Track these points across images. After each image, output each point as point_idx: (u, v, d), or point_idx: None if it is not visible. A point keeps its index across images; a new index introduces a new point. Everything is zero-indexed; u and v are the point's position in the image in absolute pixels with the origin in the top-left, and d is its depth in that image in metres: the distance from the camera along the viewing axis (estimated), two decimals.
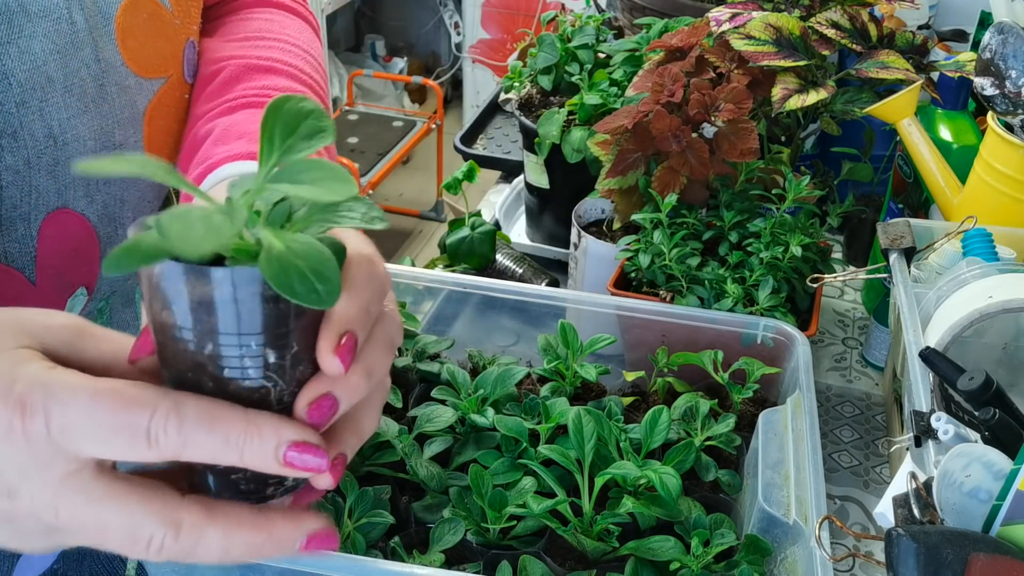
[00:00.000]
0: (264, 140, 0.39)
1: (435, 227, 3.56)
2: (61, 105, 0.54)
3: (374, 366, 0.42)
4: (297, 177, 0.38)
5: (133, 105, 0.59)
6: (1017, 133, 0.85)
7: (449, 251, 1.06)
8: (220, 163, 0.57)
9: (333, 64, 3.81)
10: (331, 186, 0.38)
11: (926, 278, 0.82)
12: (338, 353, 0.40)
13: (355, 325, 0.41)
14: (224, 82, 0.64)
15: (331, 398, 0.40)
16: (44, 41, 0.52)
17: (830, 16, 1.00)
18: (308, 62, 0.70)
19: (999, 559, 0.50)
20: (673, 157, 0.89)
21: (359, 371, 0.41)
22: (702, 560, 0.60)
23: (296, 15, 0.75)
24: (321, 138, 0.40)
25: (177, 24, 0.62)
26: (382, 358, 0.43)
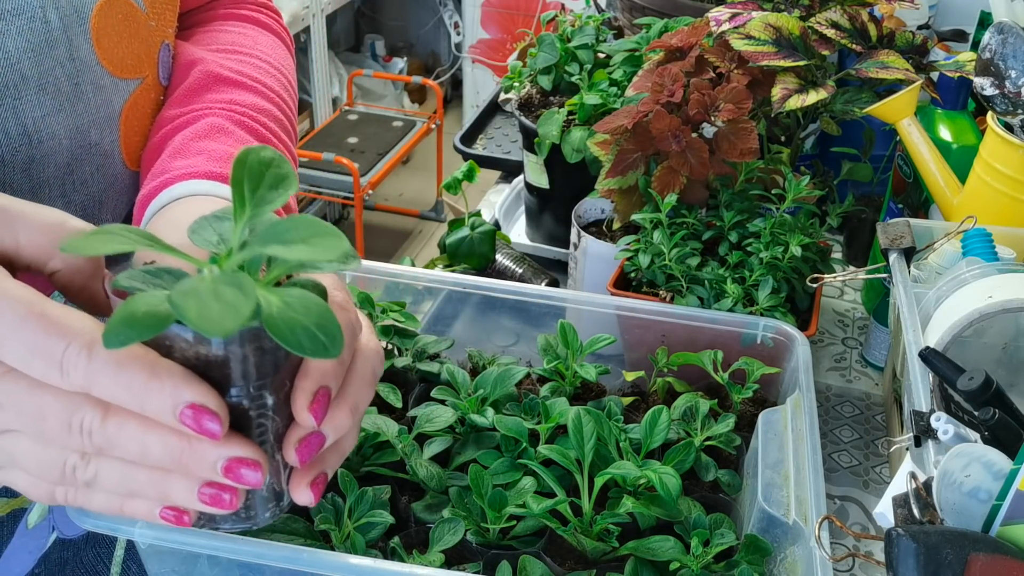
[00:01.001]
0: (236, 196, 0.40)
1: (435, 227, 3.56)
2: (35, 103, 0.54)
3: (358, 402, 0.45)
4: (285, 237, 0.39)
5: (109, 105, 0.59)
6: (1017, 133, 0.85)
7: (449, 251, 1.06)
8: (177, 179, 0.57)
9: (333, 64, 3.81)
10: (324, 243, 0.39)
11: (926, 278, 0.82)
12: (312, 410, 0.42)
13: (329, 378, 0.43)
14: (192, 89, 0.64)
15: (319, 435, 0.43)
16: (18, 39, 0.52)
17: (830, 16, 1.00)
18: (278, 80, 0.70)
19: (999, 559, 0.50)
20: (673, 157, 0.89)
21: (344, 409, 0.44)
22: (702, 560, 0.60)
23: (269, 31, 0.75)
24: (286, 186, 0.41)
25: (152, 26, 0.62)
26: (365, 393, 0.46)
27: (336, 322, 0.38)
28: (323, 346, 0.37)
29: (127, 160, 0.63)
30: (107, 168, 0.61)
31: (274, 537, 0.61)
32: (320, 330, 0.37)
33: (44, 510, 0.66)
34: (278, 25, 0.77)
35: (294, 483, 0.44)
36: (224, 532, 0.46)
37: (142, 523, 0.56)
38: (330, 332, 0.38)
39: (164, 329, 0.37)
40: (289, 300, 0.38)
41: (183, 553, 0.59)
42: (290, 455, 0.43)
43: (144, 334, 0.36)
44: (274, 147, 0.63)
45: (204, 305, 0.35)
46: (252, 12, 0.75)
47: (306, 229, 0.39)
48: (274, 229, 0.40)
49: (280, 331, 0.37)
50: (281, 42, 0.75)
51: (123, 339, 0.35)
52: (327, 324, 0.38)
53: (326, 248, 0.39)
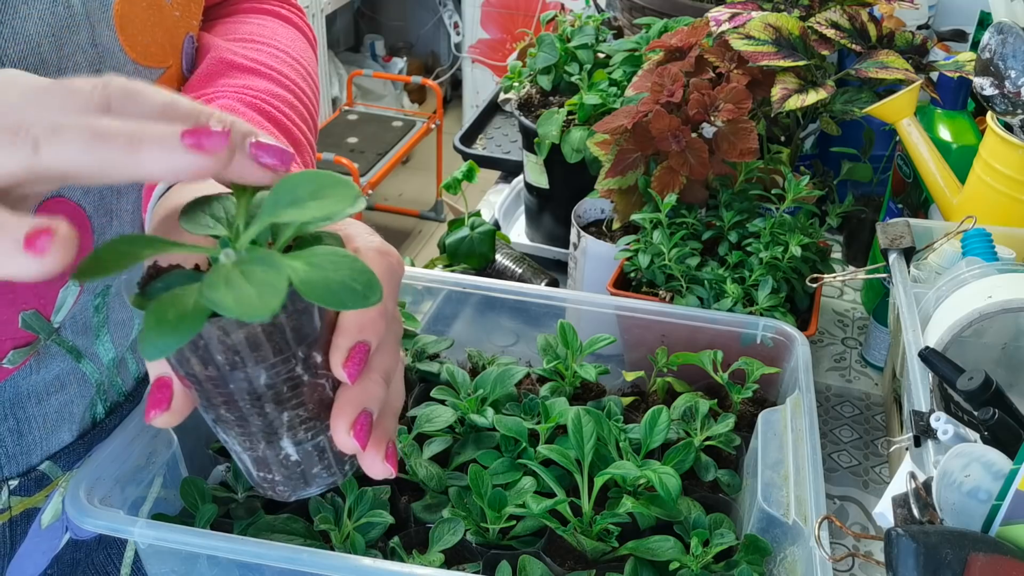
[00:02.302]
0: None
1: (435, 227, 3.56)
2: None
3: (388, 368, 0.45)
4: (294, 197, 0.39)
5: None
6: (1016, 133, 0.85)
7: (448, 251, 1.06)
8: None
9: (333, 64, 3.81)
10: (335, 193, 0.39)
11: (925, 278, 0.82)
12: (347, 366, 0.42)
13: (368, 332, 0.43)
14: (205, 75, 0.64)
15: (366, 415, 0.43)
16: (39, 23, 0.52)
17: (829, 16, 1.00)
18: (295, 70, 0.69)
19: (998, 559, 0.50)
20: (672, 157, 0.89)
21: (377, 378, 0.44)
22: (701, 560, 0.60)
23: (291, 24, 0.75)
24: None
25: (176, 16, 0.62)
26: (393, 357, 0.45)
27: (368, 269, 0.38)
28: (362, 295, 0.37)
29: None
30: None
31: (274, 537, 0.62)
32: (355, 281, 0.37)
33: (58, 510, 0.66)
34: (300, 20, 0.77)
35: (367, 463, 0.44)
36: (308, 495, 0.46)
37: (142, 523, 0.56)
38: (365, 280, 0.37)
39: (201, 327, 0.36)
40: (315, 260, 0.38)
41: (183, 553, 0.59)
42: (348, 443, 0.42)
43: (183, 337, 0.35)
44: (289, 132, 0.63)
45: (238, 291, 0.35)
46: (275, 7, 0.75)
47: (311, 183, 0.39)
48: (280, 192, 0.39)
49: (316, 293, 0.37)
50: (302, 36, 0.75)
51: (163, 348, 0.35)
52: (360, 273, 0.38)
53: (339, 197, 0.39)
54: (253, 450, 0.44)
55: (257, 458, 0.44)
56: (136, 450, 0.64)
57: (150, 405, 0.43)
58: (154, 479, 0.66)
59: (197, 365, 0.40)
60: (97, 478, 0.60)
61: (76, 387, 0.64)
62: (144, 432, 0.65)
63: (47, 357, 0.60)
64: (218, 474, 0.74)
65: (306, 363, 0.41)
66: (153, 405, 0.43)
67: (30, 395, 0.61)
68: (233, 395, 0.41)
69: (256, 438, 0.43)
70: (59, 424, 0.64)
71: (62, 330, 0.61)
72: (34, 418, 0.62)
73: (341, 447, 0.43)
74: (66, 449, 0.65)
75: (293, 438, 0.43)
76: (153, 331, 0.35)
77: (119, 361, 0.68)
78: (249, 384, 0.41)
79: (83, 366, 0.64)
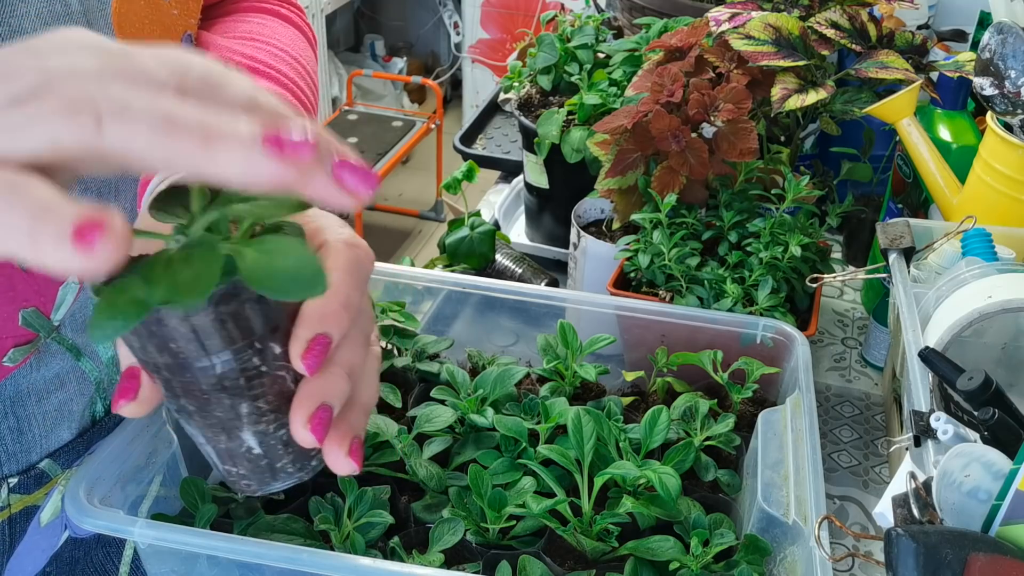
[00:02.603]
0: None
1: (434, 227, 3.56)
2: None
3: (352, 363, 0.43)
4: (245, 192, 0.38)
5: None
6: (1016, 133, 0.85)
7: (448, 251, 1.06)
8: None
9: (332, 64, 3.81)
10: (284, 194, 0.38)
11: (925, 278, 0.82)
12: (305, 358, 0.40)
13: (329, 324, 0.41)
14: None
15: (325, 409, 0.41)
16: (35, 21, 0.52)
17: (829, 16, 1.00)
18: (295, 69, 0.69)
19: (998, 559, 0.50)
20: (672, 157, 0.89)
21: (339, 372, 0.42)
22: (701, 560, 0.60)
23: (291, 24, 0.75)
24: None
25: (175, 14, 0.62)
26: (357, 352, 0.44)
27: (314, 259, 0.37)
28: (306, 285, 0.36)
29: None
30: None
31: (274, 537, 0.61)
32: (300, 270, 0.36)
33: (57, 507, 0.66)
34: (300, 20, 0.77)
35: (330, 459, 0.42)
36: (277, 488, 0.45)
37: (142, 523, 0.56)
38: (311, 270, 0.36)
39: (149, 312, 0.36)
40: (264, 248, 0.37)
41: (183, 553, 0.59)
42: (304, 436, 0.41)
43: (131, 321, 0.35)
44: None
45: (175, 275, 0.34)
46: (274, 6, 0.75)
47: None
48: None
49: (259, 280, 0.36)
50: (302, 35, 0.75)
51: (110, 331, 0.34)
52: (305, 263, 0.37)
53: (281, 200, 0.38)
54: (216, 442, 0.43)
55: (220, 450, 0.44)
56: (136, 450, 0.64)
57: (118, 395, 0.42)
58: (154, 478, 0.66)
59: (154, 353, 0.39)
60: (97, 478, 0.60)
61: (76, 385, 0.64)
62: (144, 432, 0.65)
63: (47, 355, 0.61)
64: (218, 474, 0.73)
65: (263, 354, 0.41)
66: (121, 395, 0.42)
67: (30, 393, 0.61)
68: (190, 385, 0.40)
69: (217, 430, 0.42)
70: (59, 422, 0.64)
71: (62, 328, 0.61)
72: (34, 416, 0.62)
73: (299, 440, 0.41)
74: (66, 447, 0.65)
75: (254, 430, 0.43)
76: (101, 315, 0.35)
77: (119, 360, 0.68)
78: (205, 374, 0.40)
79: (83, 364, 0.64)
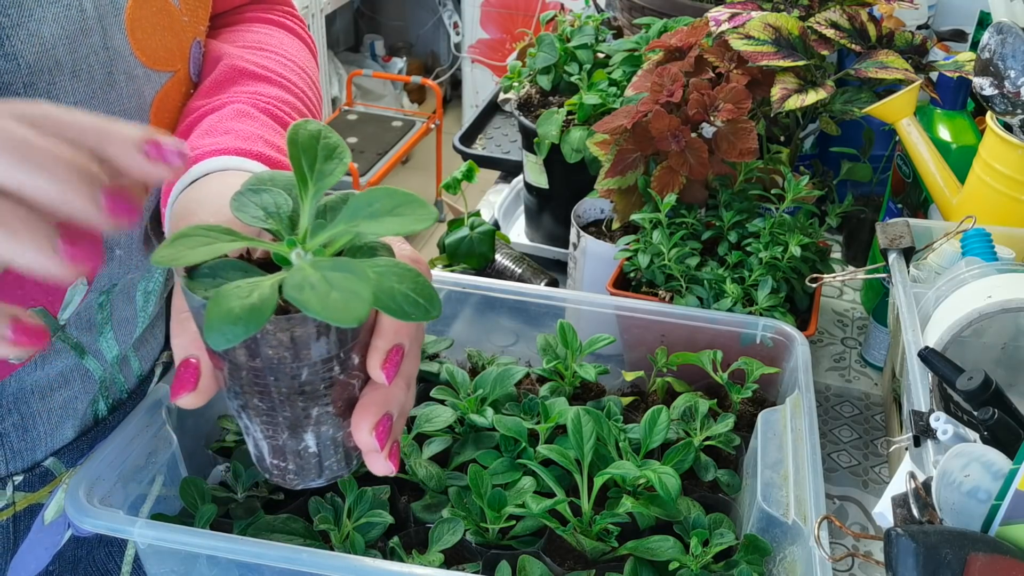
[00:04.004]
0: (297, 173, 0.41)
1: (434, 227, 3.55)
2: (69, 89, 0.54)
3: (411, 375, 0.47)
4: (370, 211, 0.40)
5: (140, 95, 0.60)
6: (1016, 133, 0.85)
7: (448, 251, 1.06)
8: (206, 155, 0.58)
9: (332, 64, 3.81)
10: (414, 212, 0.40)
11: (925, 278, 0.82)
12: (385, 368, 0.44)
13: (403, 336, 0.45)
14: (217, 82, 0.65)
15: (388, 417, 0.45)
16: (53, 25, 0.53)
17: (829, 16, 1.00)
18: (302, 78, 0.71)
19: (998, 559, 0.50)
20: (672, 157, 0.89)
21: (402, 384, 0.46)
22: (701, 560, 0.60)
23: (295, 35, 0.76)
24: (340, 155, 0.42)
25: (185, 21, 0.62)
26: (416, 363, 0.48)
27: (429, 284, 0.39)
28: (424, 309, 0.39)
29: None
30: None
31: (273, 537, 0.62)
32: (418, 295, 0.39)
33: (60, 506, 0.66)
34: (303, 32, 0.78)
35: (371, 459, 0.45)
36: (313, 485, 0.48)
37: (141, 523, 0.56)
38: (427, 295, 0.39)
39: (264, 322, 0.37)
40: (379, 270, 0.39)
41: (183, 553, 0.59)
42: (368, 441, 0.44)
43: (251, 329, 0.36)
44: None
45: (323, 296, 0.36)
46: (279, 17, 0.77)
47: (388, 200, 0.40)
48: (357, 204, 0.40)
49: (383, 302, 0.38)
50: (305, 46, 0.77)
51: (231, 337, 0.36)
52: (422, 288, 0.39)
53: (416, 216, 0.40)
54: (275, 439, 0.45)
55: (276, 447, 0.45)
56: (136, 449, 0.64)
57: (177, 386, 0.44)
58: (155, 478, 0.66)
59: (243, 355, 0.41)
60: (97, 477, 0.60)
61: (80, 383, 0.64)
62: (144, 431, 0.65)
63: (52, 353, 0.61)
64: (218, 474, 0.74)
65: (344, 364, 0.43)
66: (181, 386, 0.44)
67: (34, 391, 0.61)
68: (270, 387, 0.42)
69: (281, 428, 0.44)
70: (63, 420, 0.64)
71: (67, 327, 0.61)
72: (38, 414, 0.62)
73: (360, 445, 0.44)
74: (69, 445, 0.65)
75: (317, 431, 0.45)
76: (219, 321, 0.36)
77: (122, 359, 0.68)
78: (290, 379, 0.42)
79: (87, 362, 0.64)
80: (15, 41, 0.51)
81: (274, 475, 0.47)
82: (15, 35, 0.51)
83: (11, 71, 0.52)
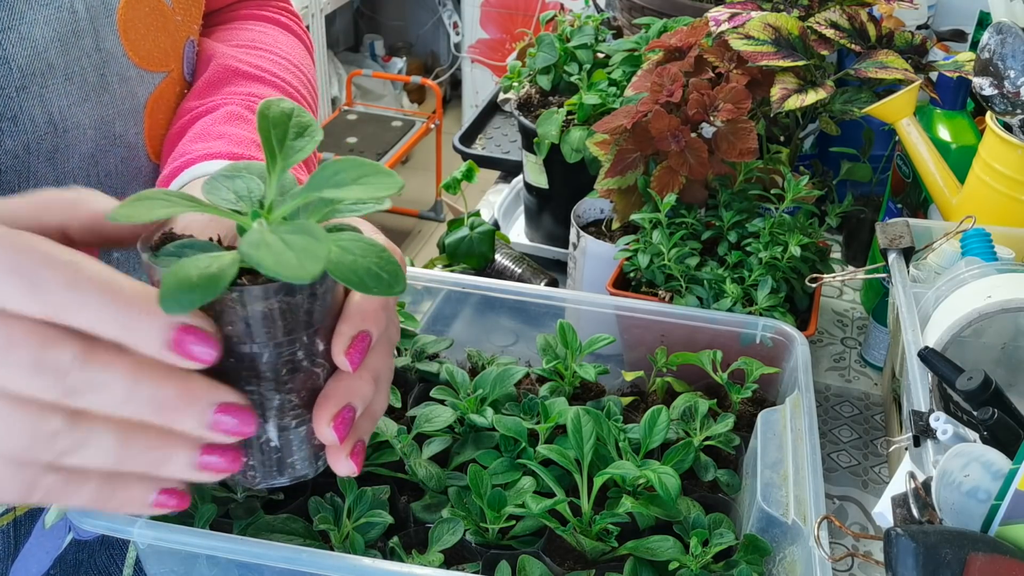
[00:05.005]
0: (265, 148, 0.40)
1: (434, 227, 3.56)
2: (62, 92, 0.54)
3: (380, 369, 0.45)
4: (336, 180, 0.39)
5: (134, 96, 0.59)
6: (1016, 133, 0.85)
7: (448, 251, 1.06)
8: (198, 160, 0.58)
9: (332, 64, 3.81)
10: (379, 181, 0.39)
11: (925, 278, 0.82)
12: (348, 354, 0.42)
13: (369, 323, 0.43)
14: (211, 82, 0.65)
15: (350, 409, 0.43)
16: (45, 28, 0.53)
17: (829, 16, 1.00)
18: (297, 77, 0.70)
19: (998, 559, 0.50)
20: (672, 157, 0.89)
21: (367, 376, 0.44)
22: (701, 560, 0.60)
23: (290, 32, 0.76)
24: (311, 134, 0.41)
25: (178, 21, 0.62)
26: (385, 360, 0.46)
27: (394, 259, 0.38)
28: (387, 283, 0.38)
29: (151, 153, 0.63)
30: (131, 161, 0.61)
31: (273, 537, 0.61)
32: (381, 268, 0.38)
33: (61, 510, 0.66)
34: (299, 28, 0.78)
35: (332, 457, 0.44)
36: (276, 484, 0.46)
37: (141, 523, 0.56)
38: (391, 270, 0.38)
39: (221, 290, 0.36)
40: (344, 244, 0.39)
41: (182, 553, 0.59)
42: (327, 434, 0.42)
43: (205, 296, 0.35)
44: None
45: (279, 254, 0.35)
46: (274, 14, 0.76)
47: (355, 169, 0.40)
48: (322, 174, 0.40)
49: (344, 273, 0.37)
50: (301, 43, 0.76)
51: (184, 303, 0.35)
52: (387, 262, 0.38)
53: (382, 184, 0.39)
54: None
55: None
56: None
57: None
58: None
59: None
60: None
61: None
62: None
63: None
64: None
65: (308, 349, 0.42)
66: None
67: None
68: (230, 369, 0.41)
69: None
70: None
71: None
72: None
73: (319, 436, 0.43)
74: None
75: (278, 423, 0.43)
76: (175, 286, 0.35)
77: None
78: (251, 361, 0.41)
79: None
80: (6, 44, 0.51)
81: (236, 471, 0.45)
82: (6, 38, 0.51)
83: (3, 75, 0.51)
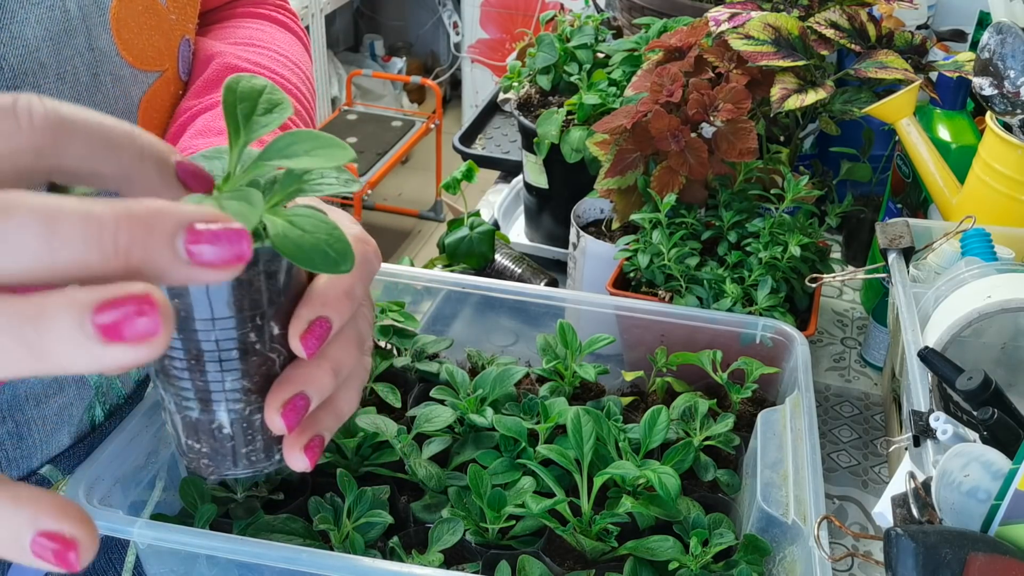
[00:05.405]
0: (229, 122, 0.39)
1: (434, 227, 3.56)
2: (54, 92, 0.54)
3: (341, 362, 0.42)
4: (289, 151, 0.39)
5: (127, 96, 0.59)
6: (1015, 133, 0.85)
7: (448, 251, 1.06)
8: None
9: (332, 64, 3.81)
10: (330, 153, 0.39)
11: (925, 278, 0.82)
12: (304, 339, 0.40)
13: (331, 309, 0.41)
14: (210, 81, 0.65)
15: (303, 398, 0.41)
16: (36, 27, 0.52)
17: (829, 16, 1.00)
18: (295, 73, 0.70)
19: (998, 559, 0.50)
20: (672, 157, 0.89)
21: (325, 366, 0.41)
22: (701, 560, 0.60)
23: (287, 29, 0.76)
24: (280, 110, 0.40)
25: (172, 19, 0.62)
26: (349, 353, 0.43)
27: (344, 238, 0.37)
28: (334, 261, 0.37)
29: None
30: None
31: (273, 537, 0.61)
32: (329, 246, 0.37)
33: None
34: (295, 25, 0.78)
35: (287, 448, 0.41)
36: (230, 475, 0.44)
37: (141, 523, 0.56)
38: (340, 248, 0.37)
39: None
40: (295, 219, 0.37)
41: (182, 553, 0.59)
42: (275, 422, 0.40)
43: None
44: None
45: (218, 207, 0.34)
46: (271, 11, 0.76)
47: (311, 142, 0.39)
48: (276, 145, 0.39)
49: (289, 248, 0.36)
50: (298, 40, 0.76)
51: None
52: (336, 240, 0.37)
53: (333, 156, 0.38)
54: (186, 411, 0.42)
55: (188, 422, 0.42)
56: (135, 450, 0.64)
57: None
58: (155, 480, 0.66)
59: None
60: (96, 478, 0.60)
61: (75, 389, 0.64)
62: (144, 432, 0.65)
63: None
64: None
65: (262, 331, 0.40)
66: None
67: (28, 397, 0.61)
68: (178, 346, 0.40)
69: (192, 398, 0.42)
70: (58, 427, 0.64)
71: None
72: (33, 421, 0.62)
73: (268, 422, 0.41)
74: (66, 452, 0.65)
75: (230, 408, 0.42)
76: None
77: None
78: (202, 335, 0.39)
79: None
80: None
81: (189, 458, 0.44)
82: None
83: None
